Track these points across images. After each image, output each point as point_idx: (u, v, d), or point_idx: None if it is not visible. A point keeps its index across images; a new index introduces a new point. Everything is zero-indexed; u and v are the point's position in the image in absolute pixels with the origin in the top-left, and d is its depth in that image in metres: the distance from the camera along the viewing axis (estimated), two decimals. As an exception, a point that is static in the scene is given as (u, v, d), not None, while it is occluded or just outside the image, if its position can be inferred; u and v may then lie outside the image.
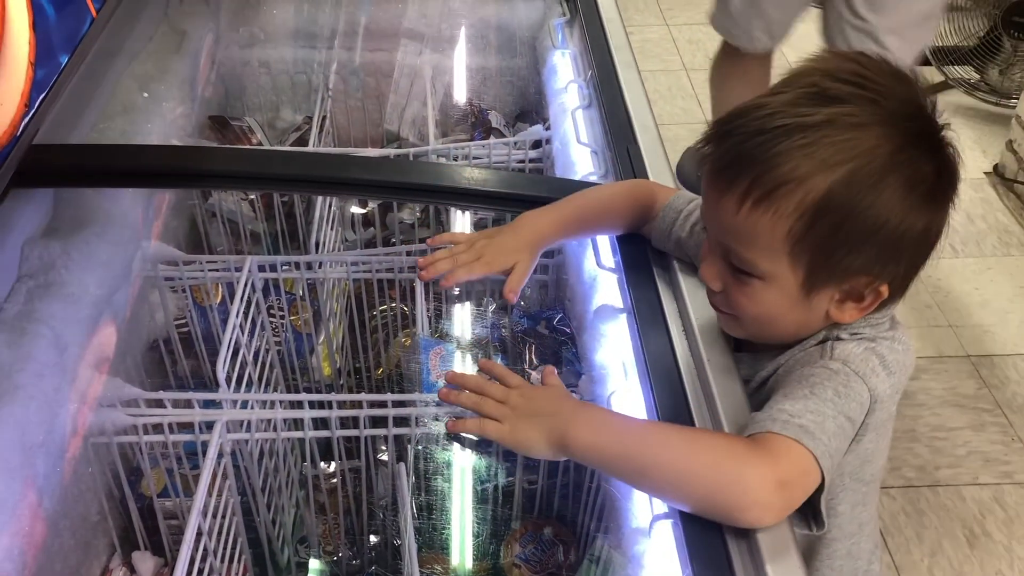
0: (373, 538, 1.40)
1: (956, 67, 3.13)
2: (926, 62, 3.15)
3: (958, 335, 2.34)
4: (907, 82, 0.80)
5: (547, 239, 1.08)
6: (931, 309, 2.41)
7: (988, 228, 2.68)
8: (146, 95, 1.51)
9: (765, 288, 0.83)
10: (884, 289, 0.82)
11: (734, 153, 0.79)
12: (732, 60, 2.29)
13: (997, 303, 2.44)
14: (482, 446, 0.96)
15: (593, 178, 1.28)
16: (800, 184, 0.76)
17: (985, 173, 2.87)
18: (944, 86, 3.21)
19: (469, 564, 1.25)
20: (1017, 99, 2.79)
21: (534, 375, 1.33)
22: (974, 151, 2.97)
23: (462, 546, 1.25)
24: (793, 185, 0.76)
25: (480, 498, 1.24)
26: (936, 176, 0.79)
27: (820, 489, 0.76)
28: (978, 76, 3.11)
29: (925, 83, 0.82)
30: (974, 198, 2.78)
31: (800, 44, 3.60)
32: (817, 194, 0.76)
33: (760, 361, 0.92)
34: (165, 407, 1.20)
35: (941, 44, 3.07)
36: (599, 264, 1.13)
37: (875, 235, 0.78)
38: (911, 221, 0.78)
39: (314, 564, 1.41)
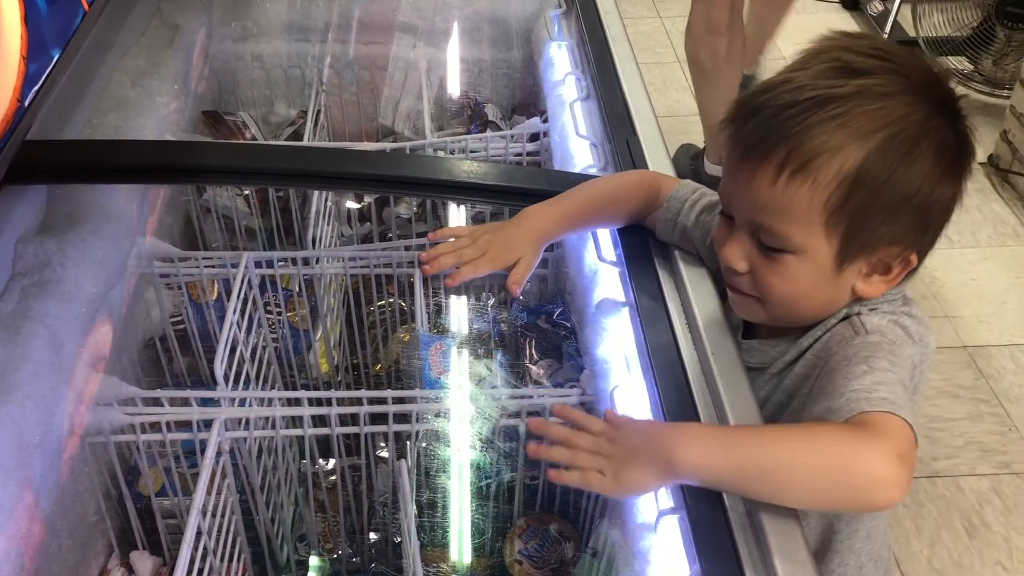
0: (373, 536, 1.39)
1: (950, 58, 3.12)
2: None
3: (954, 326, 2.34)
4: (921, 56, 0.83)
5: (551, 234, 1.07)
6: (927, 300, 2.41)
7: (983, 218, 2.68)
8: (139, 90, 1.49)
9: (798, 263, 0.82)
10: (914, 258, 0.83)
11: (767, 127, 0.79)
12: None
13: (993, 293, 2.44)
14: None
15: (592, 171, 1.27)
16: (836, 153, 0.77)
17: (980, 163, 2.87)
18: (938, 77, 3.21)
19: (471, 561, 1.24)
20: (1011, 89, 2.79)
21: (535, 370, 1.32)
22: (968, 141, 2.97)
23: (464, 543, 1.24)
24: (830, 155, 0.77)
25: (482, 494, 1.24)
26: (960, 144, 0.80)
27: None
28: (972, 67, 3.11)
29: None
30: (969, 188, 2.73)
31: (794, 36, 3.58)
32: (855, 163, 0.77)
33: (777, 346, 0.91)
34: (163, 405, 1.19)
35: (935, 35, 3.07)
36: (600, 258, 1.12)
37: (909, 202, 0.79)
38: (942, 188, 0.79)
39: (314, 562, 1.40)
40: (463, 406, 1.19)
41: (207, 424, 1.17)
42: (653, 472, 0.76)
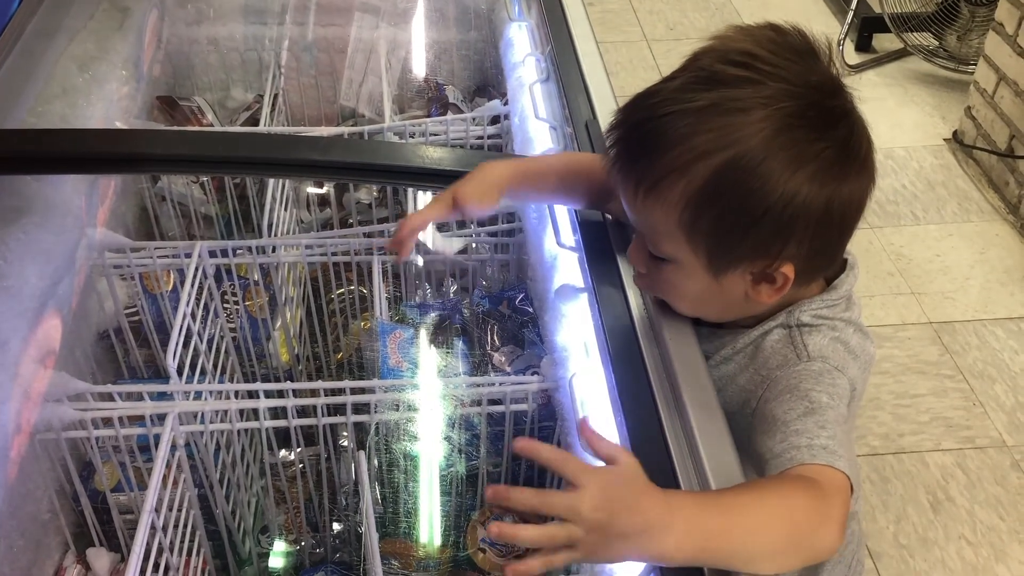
0: (336, 526, 1.38)
1: (914, 33, 3.13)
2: (884, 28, 3.15)
3: (920, 302, 2.36)
4: (807, 57, 0.78)
5: (506, 185, 1.03)
6: (893, 277, 2.42)
7: (948, 195, 2.69)
8: (87, 76, 1.45)
9: (677, 271, 0.83)
10: (788, 270, 0.80)
11: (624, 144, 0.81)
12: None
13: (958, 269, 2.45)
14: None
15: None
16: (682, 174, 0.76)
17: (944, 140, 2.88)
18: (903, 53, 3.22)
19: (433, 549, 1.23)
20: (975, 65, 2.79)
21: (497, 357, 1.31)
22: (933, 117, 2.98)
23: (426, 532, 1.23)
24: (676, 175, 0.77)
25: (443, 483, 1.22)
26: (834, 151, 0.76)
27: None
28: (936, 42, 3.11)
29: (829, 53, 0.80)
30: (934, 164, 2.80)
31: (758, 13, 3.56)
32: (698, 183, 0.76)
33: (720, 337, 0.91)
34: (115, 400, 1.16)
35: (899, 11, 3.07)
36: (559, 243, 1.10)
37: (762, 219, 0.76)
38: (802, 200, 0.76)
39: (276, 554, 1.38)
40: (422, 395, 1.17)
41: (161, 418, 1.14)
42: (636, 560, 0.68)
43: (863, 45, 3.29)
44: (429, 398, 1.18)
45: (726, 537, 0.68)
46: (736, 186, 0.76)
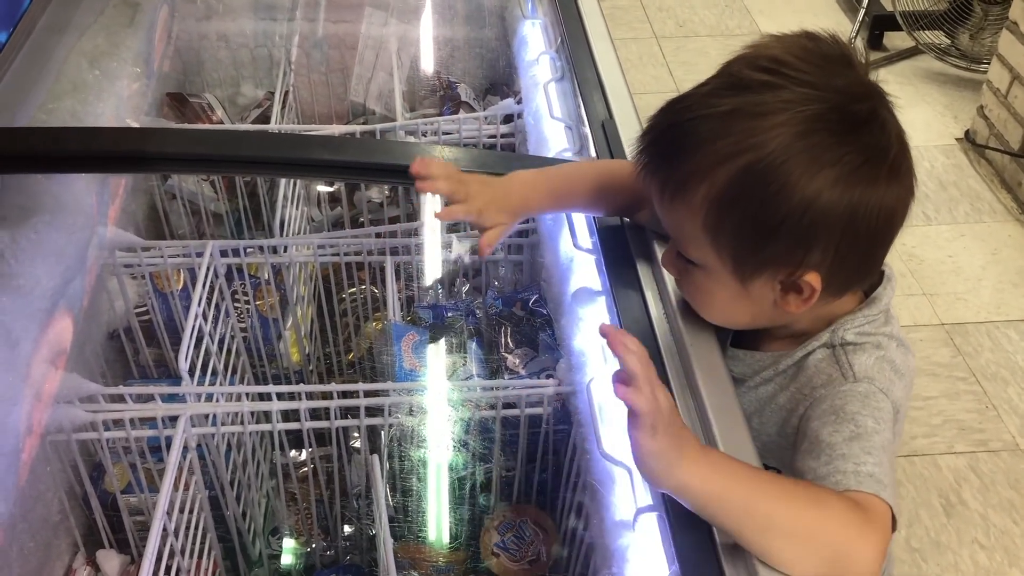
0: (347, 528, 1.37)
1: (926, 32, 3.10)
2: (896, 26, 3.13)
3: (932, 303, 2.34)
4: (837, 63, 0.77)
5: (534, 208, 1.05)
6: (905, 277, 2.40)
7: (960, 195, 2.67)
8: (97, 72, 1.44)
9: (706, 276, 0.83)
10: (813, 279, 0.78)
11: (653, 148, 0.81)
12: None
13: (970, 270, 2.44)
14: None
15: (567, 154, 1.24)
16: (704, 178, 0.76)
17: (956, 139, 2.86)
18: (915, 51, 3.19)
19: (447, 554, 1.22)
20: (988, 64, 2.77)
21: (511, 359, 1.29)
22: (945, 117, 2.96)
23: (439, 535, 1.22)
24: (698, 180, 0.77)
25: (457, 487, 1.21)
26: (858, 155, 0.75)
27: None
28: (948, 41, 3.09)
29: (866, 62, 0.79)
30: (946, 164, 2.78)
31: (772, 8, 3.53)
32: (719, 187, 0.76)
33: (759, 360, 0.89)
34: (126, 402, 1.15)
35: (911, 8, 3.05)
36: (576, 245, 1.09)
37: (782, 224, 0.75)
38: (822, 205, 0.74)
39: (287, 555, 1.37)
40: (436, 399, 1.16)
41: (173, 420, 1.13)
42: (672, 457, 0.70)
43: (874, 43, 3.27)
44: (443, 401, 1.17)
45: (749, 486, 0.70)
46: (756, 190, 0.75)
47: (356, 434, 1.30)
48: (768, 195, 0.74)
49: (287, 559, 1.37)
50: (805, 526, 0.69)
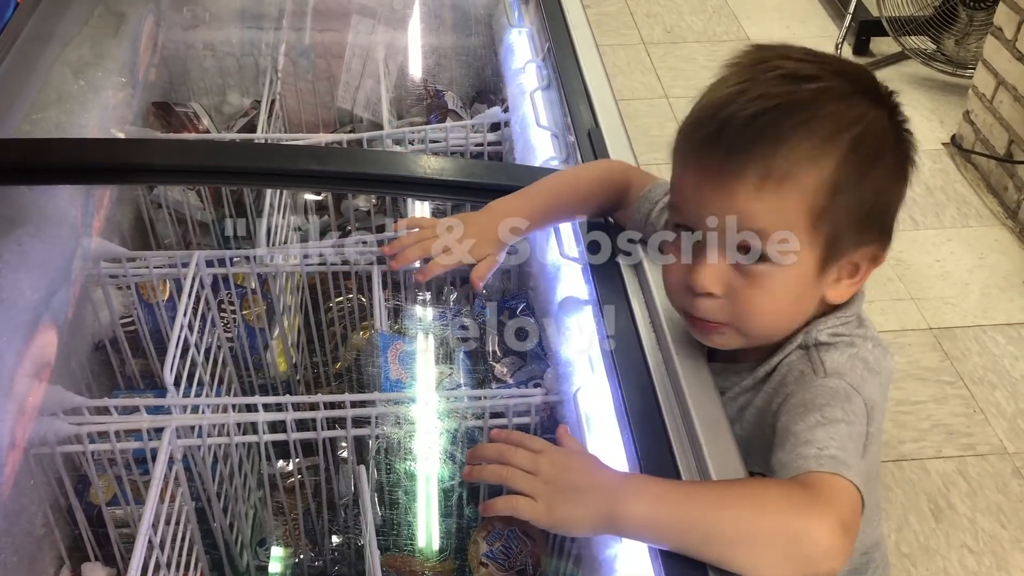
0: (335, 539, 1.36)
1: (912, 37, 3.12)
2: (882, 32, 3.14)
3: (919, 308, 2.35)
4: (843, 59, 0.85)
5: (519, 232, 1.04)
6: (893, 282, 2.41)
7: (947, 199, 2.69)
8: (82, 83, 1.43)
9: (783, 274, 0.80)
10: (881, 256, 0.83)
11: (739, 139, 0.77)
12: None
13: (957, 275, 2.45)
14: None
15: (554, 163, 1.24)
16: (815, 160, 0.77)
17: (943, 144, 2.88)
18: (901, 56, 3.21)
19: (435, 564, 1.21)
20: (973, 69, 2.79)
21: (498, 368, 1.29)
22: (931, 121, 2.98)
23: (427, 546, 1.21)
24: (808, 162, 0.77)
25: (445, 497, 1.21)
26: (907, 143, 0.82)
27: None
28: (934, 46, 3.11)
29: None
30: (932, 169, 2.79)
31: (754, 14, 3.54)
32: (831, 167, 0.77)
33: (737, 372, 0.89)
34: (111, 414, 1.14)
35: (897, 14, 3.07)
36: (562, 254, 1.09)
37: (879, 201, 0.80)
38: (901, 186, 0.81)
39: (274, 567, 1.37)
40: (424, 409, 1.16)
41: (158, 431, 1.13)
42: (591, 519, 0.75)
43: (861, 49, 3.29)
44: (430, 411, 1.16)
45: (680, 505, 0.72)
46: (862, 169, 0.78)
47: (343, 444, 1.29)
48: (872, 172, 0.78)
49: (275, 570, 1.37)
50: (746, 529, 0.70)
